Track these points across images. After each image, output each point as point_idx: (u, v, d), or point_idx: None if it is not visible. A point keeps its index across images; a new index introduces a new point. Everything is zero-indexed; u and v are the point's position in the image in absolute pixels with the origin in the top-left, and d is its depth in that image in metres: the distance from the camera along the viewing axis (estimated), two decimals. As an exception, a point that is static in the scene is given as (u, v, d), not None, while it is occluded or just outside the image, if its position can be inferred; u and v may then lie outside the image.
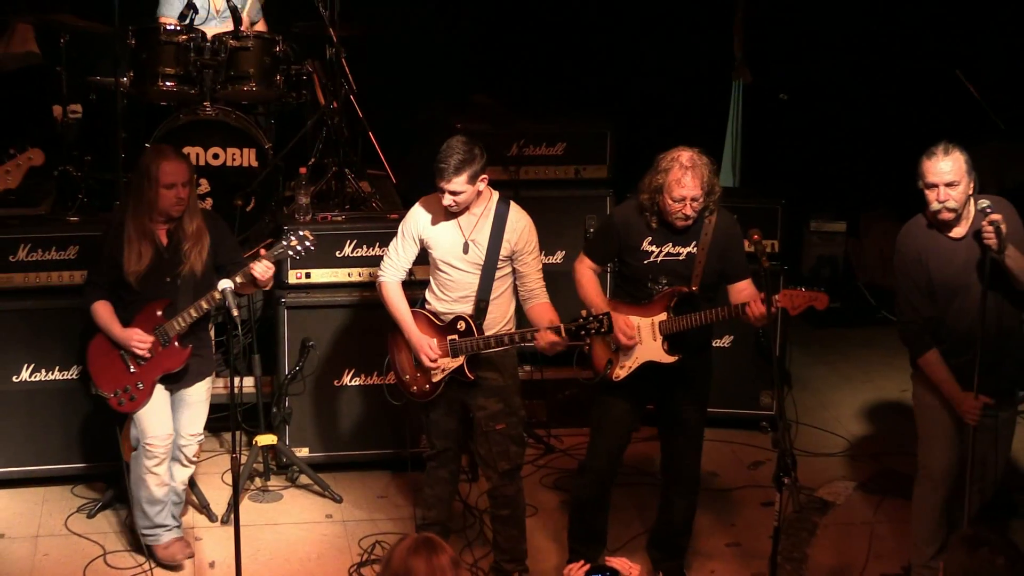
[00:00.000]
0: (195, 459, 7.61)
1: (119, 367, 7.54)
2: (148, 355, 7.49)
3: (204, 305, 7.45)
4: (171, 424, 7.70)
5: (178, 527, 7.95)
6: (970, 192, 7.31)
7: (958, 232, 7.42)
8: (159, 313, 7.47)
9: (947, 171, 7.20)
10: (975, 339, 7.31)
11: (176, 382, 7.62)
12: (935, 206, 7.28)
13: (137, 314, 7.51)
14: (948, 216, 7.27)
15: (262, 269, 7.41)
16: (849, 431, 9.94)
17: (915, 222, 7.54)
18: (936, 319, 7.51)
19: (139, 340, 7.45)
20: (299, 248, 7.48)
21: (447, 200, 7.44)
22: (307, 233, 7.54)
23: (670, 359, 7.60)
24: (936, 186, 7.22)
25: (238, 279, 7.35)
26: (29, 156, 8.18)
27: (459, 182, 7.37)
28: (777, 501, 6.65)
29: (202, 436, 7.79)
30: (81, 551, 8.40)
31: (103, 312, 7.56)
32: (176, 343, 7.52)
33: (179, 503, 7.85)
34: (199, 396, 7.57)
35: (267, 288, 7.95)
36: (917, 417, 7.87)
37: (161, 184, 7.31)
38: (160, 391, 7.61)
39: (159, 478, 7.67)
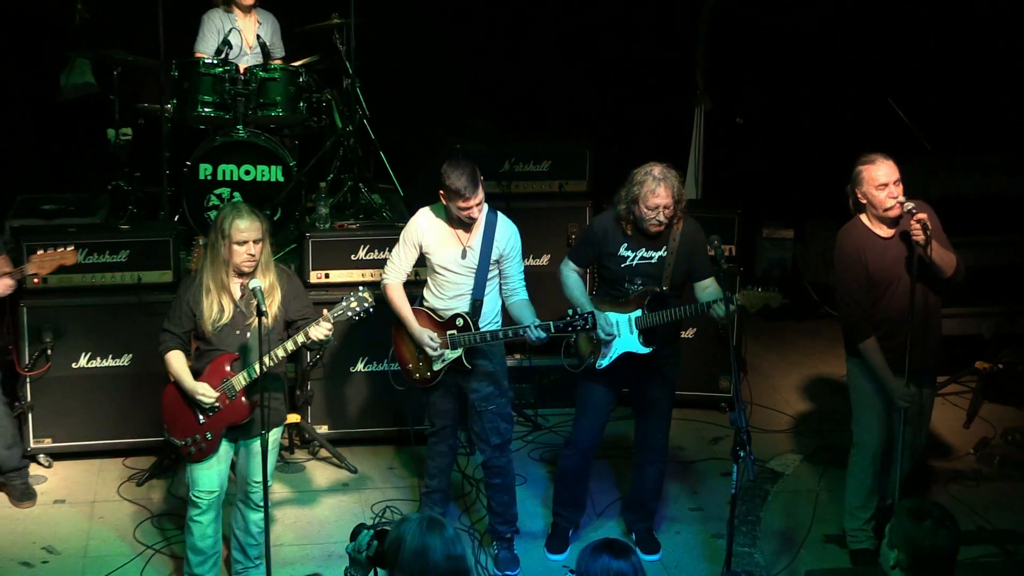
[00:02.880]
0: (261, 504, 7.15)
1: (190, 417, 7.22)
2: (216, 407, 7.22)
3: (268, 363, 7.06)
4: (221, 480, 7.35)
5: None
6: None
7: (888, 232, 7.46)
8: (227, 368, 7.16)
9: (893, 171, 7.31)
10: (905, 322, 7.38)
11: (243, 432, 7.29)
12: (889, 203, 7.33)
13: (208, 367, 7.20)
14: (899, 210, 7.31)
15: (318, 333, 7.11)
16: (796, 410, 9.93)
17: (853, 224, 7.56)
18: (875, 308, 7.52)
19: (205, 394, 7.13)
20: (358, 310, 7.18)
21: (473, 212, 7.43)
22: (367, 295, 7.24)
23: (645, 349, 7.58)
24: (887, 185, 7.30)
25: (301, 338, 7.07)
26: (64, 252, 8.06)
27: (481, 192, 7.40)
28: (734, 471, 6.62)
29: (271, 483, 7.25)
30: (132, 515, 8.39)
31: (176, 363, 7.22)
32: (242, 398, 7.18)
33: (255, 544, 7.48)
34: (267, 445, 7.09)
35: (330, 343, 7.57)
36: (852, 397, 7.89)
37: (233, 241, 7.01)
38: (224, 445, 7.30)
39: (203, 528, 7.33)
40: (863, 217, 7.50)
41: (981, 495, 8.73)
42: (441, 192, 7.46)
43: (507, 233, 7.64)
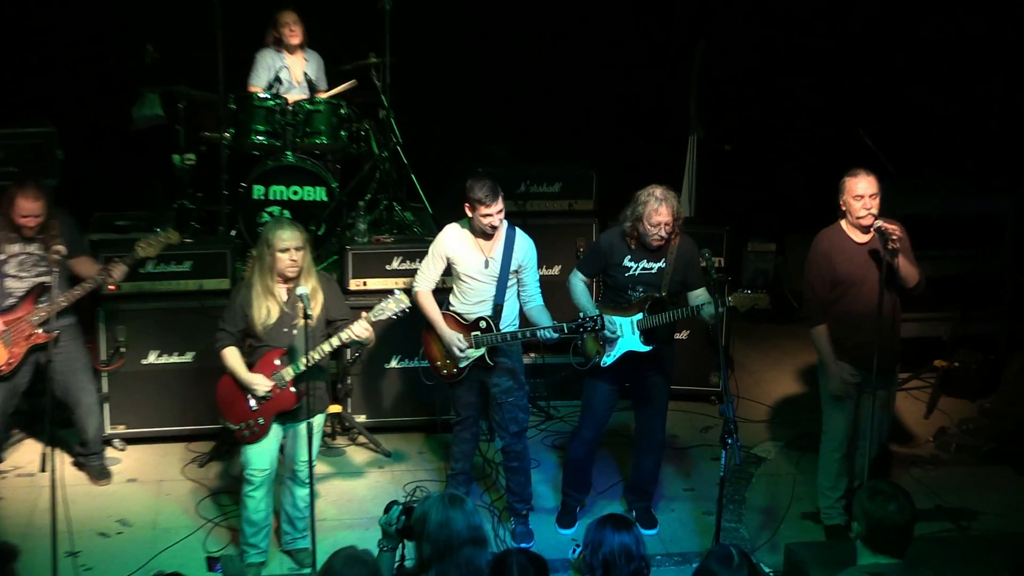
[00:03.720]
0: (307, 481, 7.16)
1: (243, 405, 7.28)
2: (268, 396, 7.27)
3: (315, 356, 7.14)
4: (272, 460, 7.42)
5: (264, 552, 7.56)
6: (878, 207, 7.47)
7: (863, 239, 7.51)
8: (277, 361, 7.23)
9: (871, 187, 7.37)
10: (865, 321, 7.44)
11: (291, 417, 7.35)
12: (862, 212, 7.41)
13: (259, 360, 7.27)
14: (870, 220, 7.38)
15: (361, 331, 7.23)
16: (776, 402, 9.94)
17: (832, 226, 7.66)
18: (839, 304, 7.61)
19: (261, 384, 7.22)
20: (396, 310, 7.24)
21: (495, 221, 7.48)
22: (403, 296, 7.29)
23: (645, 348, 7.61)
24: (863, 197, 7.37)
25: (345, 335, 7.17)
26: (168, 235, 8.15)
27: (501, 202, 7.46)
28: (723, 456, 6.65)
29: (315, 463, 7.20)
30: (193, 492, 8.45)
31: (231, 358, 7.29)
32: (291, 387, 7.24)
33: (302, 518, 7.52)
34: (312, 429, 7.06)
35: (370, 344, 7.57)
36: (821, 391, 7.94)
37: (277, 249, 7.09)
38: (274, 428, 7.37)
39: (256, 503, 7.40)
40: (843, 222, 7.59)
41: (939, 478, 8.76)
42: (466, 204, 7.51)
43: (524, 246, 7.70)
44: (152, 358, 8.81)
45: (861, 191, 7.40)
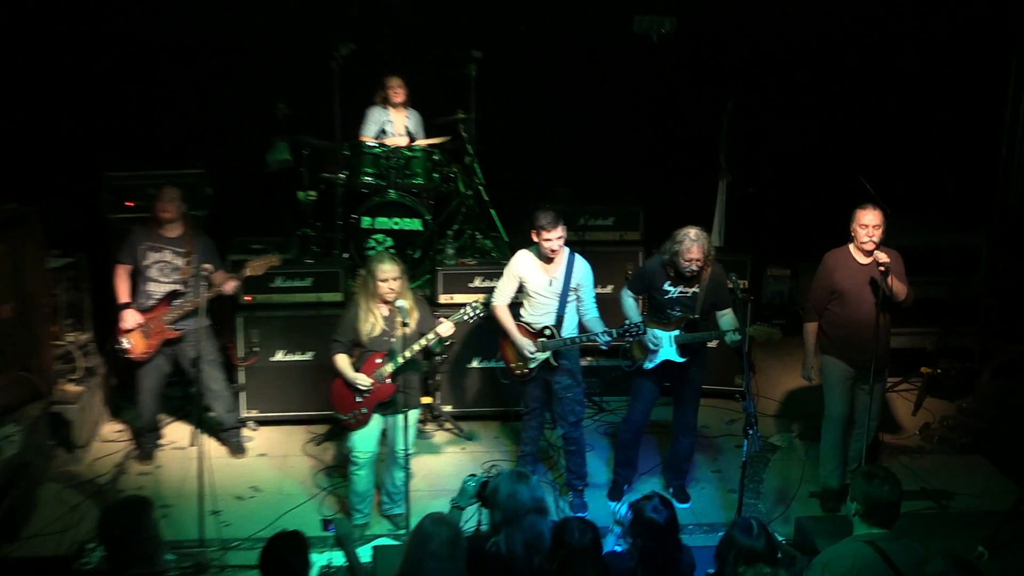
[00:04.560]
0: (404, 465, 7.23)
1: (350, 399, 7.37)
2: (370, 390, 7.36)
3: (408, 354, 7.25)
4: (374, 444, 7.50)
5: (368, 516, 7.65)
6: (882, 237, 7.52)
7: (865, 261, 7.58)
8: (378, 361, 7.32)
9: (875, 219, 7.46)
10: (859, 330, 7.56)
11: (390, 408, 7.40)
12: (864, 239, 7.51)
13: (365, 362, 7.36)
14: (871, 247, 7.48)
15: (445, 330, 7.31)
16: (790, 401, 9.89)
17: (841, 247, 7.74)
18: (839, 312, 7.69)
19: (363, 382, 7.31)
20: (472, 313, 7.35)
21: (555, 245, 7.50)
22: (480, 300, 7.50)
23: (680, 359, 7.63)
24: (868, 227, 7.47)
25: (431, 335, 7.28)
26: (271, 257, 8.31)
27: (562, 228, 7.47)
28: (745, 445, 6.65)
29: (412, 451, 7.37)
30: (311, 466, 8.54)
31: (341, 362, 7.37)
32: (388, 380, 7.33)
33: (398, 492, 7.53)
34: (407, 422, 7.21)
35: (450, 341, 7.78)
36: (823, 383, 7.95)
37: (378, 279, 7.22)
38: (376, 417, 7.44)
39: (361, 479, 7.49)
40: (850, 245, 7.65)
41: (923, 464, 8.69)
42: (533, 231, 7.55)
43: (582, 269, 7.72)
44: (279, 356, 8.91)
45: (867, 222, 7.47)
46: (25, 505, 7.56)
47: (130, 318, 8.04)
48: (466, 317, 7.39)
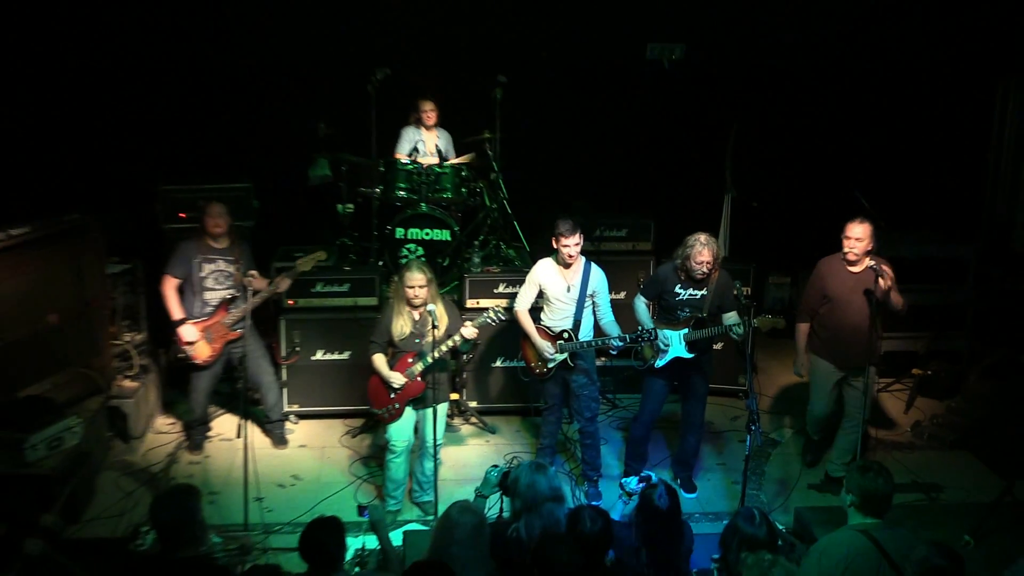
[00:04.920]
0: (434, 455, 7.32)
1: (384, 395, 7.41)
2: (402, 386, 7.38)
3: (436, 355, 7.29)
4: (408, 435, 7.51)
5: (400, 502, 7.68)
6: (869, 248, 7.51)
7: (855, 269, 7.57)
8: (410, 361, 7.35)
9: (858, 233, 7.46)
10: (848, 330, 7.61)
11: (421, 403, 7.44)
12: (846, 249, 7.55)
13: (398, 361, 7.39)
14: (852, 257, 7.51)
15: (469, 333, 7.34)
16: (789, 399, 9.80)
17: (834, 256, 7.73)
18: (830, 316, 7.72)
19: (396, 379, 7.34)
20: (493, 317, 7.37)
21: (572, 250, 7.49)
22: (501, 305, 7.54)
23: (689, 355, 7.58)
24: (851, 239, 7.48)
25: (457, 337, 7.31)
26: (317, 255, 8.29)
27: (579, 235, 7.47)
28: (748, 439, 6.61)
29: (440, 442, 7.45)
30: (348, 456, 8.53)
31: (378, 361, 7.40)
32: (419, 379, 7.36)
33: (428, 481, 7.56)
34: (436, 415, 7.32)
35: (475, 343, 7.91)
36: (810, 379, 8.04)
37: (407, 285, 7.26)
38: (408, 411, 7.47)
39: (396, 466, 7.50)
40: (841, 254, 7.64)
41: (914, 459, 8.62)
42: (553, 238, 7.55)
43: (598, 276, 7.70)
44: (319, 355, 8.90)
45: (851, 234, 7.49)
46: (85, 491, 7.59)
47: (189, 332, 8.00)
48: (489, 321, 7.40)
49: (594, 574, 5.06)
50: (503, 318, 7.45)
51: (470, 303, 9.04)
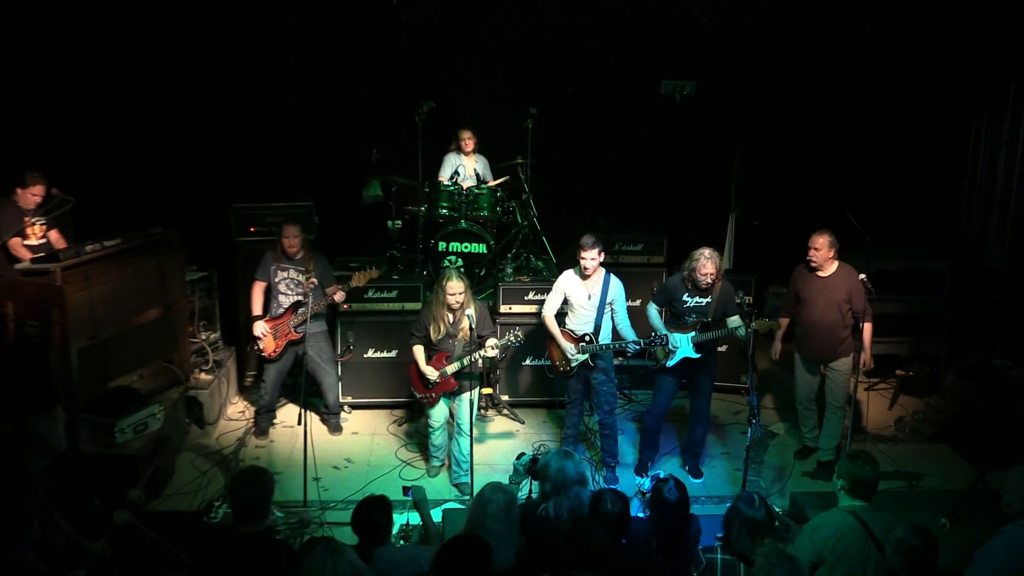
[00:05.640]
0: (468, 432, 7.35)
1: (423, 384, 7.53)
2: (437, 382, 7.47)
3: (469, 360, 7.37)
4: (444, 416, 7.64)
5: (442, 461, 7.84)
6: (829, 256, 7.59)
7: (822, 273, 7.67)
8: (444, 361, 7.43)
9: (816, 243, 7.61)
10: (815, 328, 7.75)
11: (455, 395, 7.56)
12: (809, 256, 7.68)
13: (434, 358, 7.47)
14: (814, 264, 7.65)
15: (491, 352, 7.42)
16: (786, 395, 9.64)
17: (805, 263, 7.79)
18: (800, 315, 7.83)
19: (430, 373, 7.43)
20: (515, 342, 7.49)
21: (587, 263, 7.49)
22: (520, 333, 7.55)
23: (696, 355, 7.54)
24: (811, 248, 7.62)
25: (481, 352, 7.42)
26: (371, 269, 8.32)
27: (594, 252, 7.45)
28: (748, 431, 6.57)
29: (473, 421, 7.52)
30: (395, 442, 8.52)
31: (417, 351, 7.50)
32: (452, 378, 7.45)
33: (464, 461, 7.52)
34: (471, 398, 7.47)
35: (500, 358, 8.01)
36: (794, 369, 8.10)
37: (446, 292, 7.31)
38: (442, 400, 7.58)
39: (436, 435, 7.68)
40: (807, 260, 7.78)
41: (897, 450, 8.52)
42: (576, 252, 7.54)
43: (616, 286, 7.67)
44: (370, 353, 8.91)
45: (811, 243, 7.65)
46: (166, 470, 7.65)
47: (258, 327, 8.12)
48: (510, 344, 7.52)
49: (612, 552, 5.05)
50: (522, 342, 7.58)
51: (503, 308, 9.02)
